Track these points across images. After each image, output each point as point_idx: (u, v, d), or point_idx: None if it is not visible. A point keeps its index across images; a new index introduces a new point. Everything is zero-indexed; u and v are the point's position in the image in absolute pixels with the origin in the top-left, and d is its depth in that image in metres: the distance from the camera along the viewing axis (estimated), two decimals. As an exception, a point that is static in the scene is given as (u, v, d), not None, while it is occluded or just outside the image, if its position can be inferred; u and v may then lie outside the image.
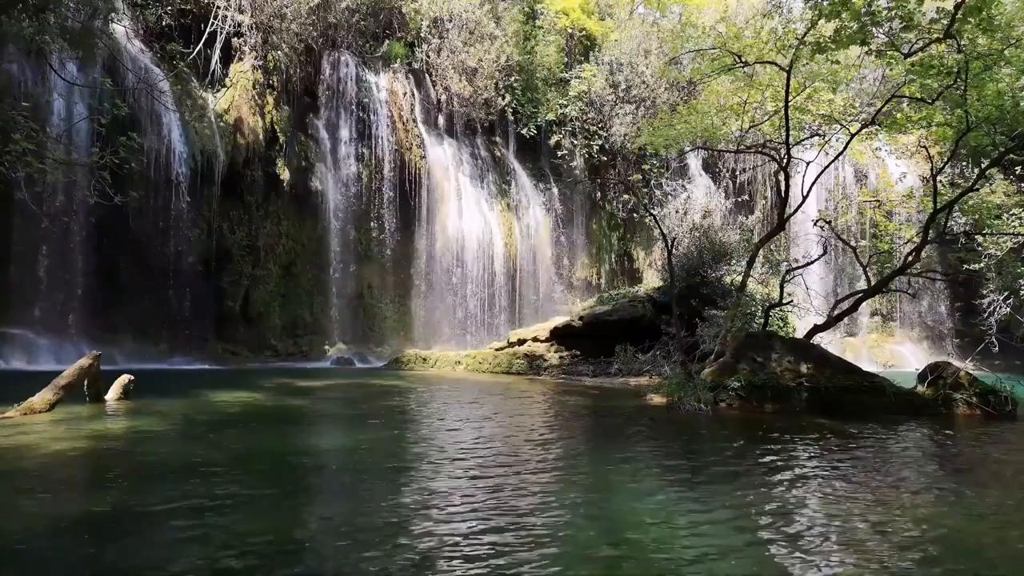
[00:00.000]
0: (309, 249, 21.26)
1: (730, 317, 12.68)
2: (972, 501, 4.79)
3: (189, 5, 19.47)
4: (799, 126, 13.56)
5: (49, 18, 12.56)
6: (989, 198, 16.15)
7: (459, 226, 23.41)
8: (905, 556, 3.58)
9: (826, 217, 15.31)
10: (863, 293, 13.00)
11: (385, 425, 8.08)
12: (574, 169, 26.28)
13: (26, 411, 7.41)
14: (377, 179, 22.30)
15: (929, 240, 12.13)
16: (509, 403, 10.71)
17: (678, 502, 4.54)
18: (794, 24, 13.18)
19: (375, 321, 22.29)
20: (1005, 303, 20.46)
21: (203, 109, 19.11)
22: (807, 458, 6.28)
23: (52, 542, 3.63)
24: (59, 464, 5.40)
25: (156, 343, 17.41)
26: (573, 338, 17.45)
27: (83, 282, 16.61)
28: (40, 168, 12.22)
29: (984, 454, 6.97)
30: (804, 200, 13.25)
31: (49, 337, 15.86)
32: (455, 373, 16.66)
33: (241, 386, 11.55)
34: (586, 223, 27.20)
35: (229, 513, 4.12)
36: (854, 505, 4.55)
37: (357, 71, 22.56)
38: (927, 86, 11.03)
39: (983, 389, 9.51)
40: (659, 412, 9.47)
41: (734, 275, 16.79)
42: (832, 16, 10.07)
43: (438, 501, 4.47)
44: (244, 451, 6.18)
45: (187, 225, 18.08)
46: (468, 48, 24.04)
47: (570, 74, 26.42)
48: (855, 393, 9.60)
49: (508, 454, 6.25)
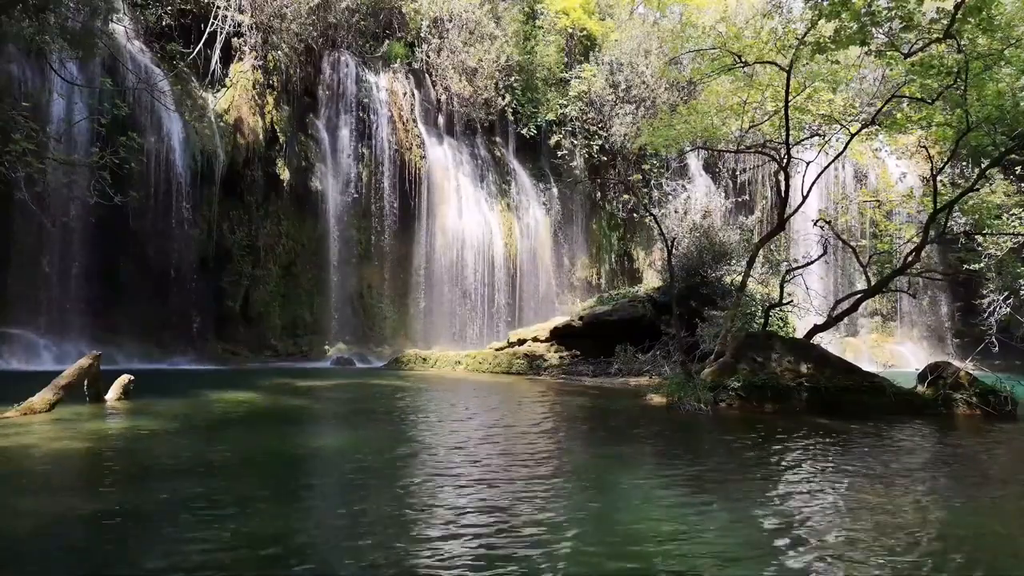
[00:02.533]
0: (309, 249, 21.25)
1: (730, 317, 12.68)
2: (973, 501, 4.79)
3: (189, 5, 19.46)
4: (799, 126, 13.56)
5: (49, 18, 12.56)
6: (989, 198, 16.14)
7: (459, 226, 23.40)
8: (907, 556, 3.58)
9: (826, 217, 15.31)
10: (863, 293, 13.01)
11: (385, 425, 8.08)
12: (574, 169, 26.27)
13: (26, 411, 7.41)
14: (377, 179, 22.29)
15: (929, 240, 12.13)
16: (509, 403, 10.71)
17: (678, 502, 4.54)
18: (794, 24, 13.17)
19: (375, 321, 22.28)
20: (1005, 303, 20.45)
21: (203, 109, 19.10)
22: (807, 458, 6.28)
23: (52, 542, 3.63)
24: (59, 464, 5.40)
25: (156, 343, 17.40)
26: (573, 338, 17.44)
27: (83, 282, 16.59)
28: (40, 168, 12.21)
29: (984, 454, 6.97)
30: (804, 200, 13.25)
31: (49, 337, 15.85)
32: (455, 373, 16.66)
33: (241, 386, 11.54)
34: (586, 223, 27.19)
35: (229, 513, 4.12)
36: (854, 505, 4.55)
37: (357, 71, 22.56)
38: (927, 86, 11.03)
39: (983, 389, 9.52)
40: (659, 412, 9.47)
41: (734, 275, 16.78)
42: (832, 16, 10.06)
43: (438, 501, 4.47)
44: (244, 451, 6.18)
45: (187, 225, 18.06)
46: (468, 48, 24.03)
47: (570, 74, 26.41)
48: (855, 393, 9.60)
49: (508, 454, 6.25)
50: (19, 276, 15.83)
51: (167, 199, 17.71)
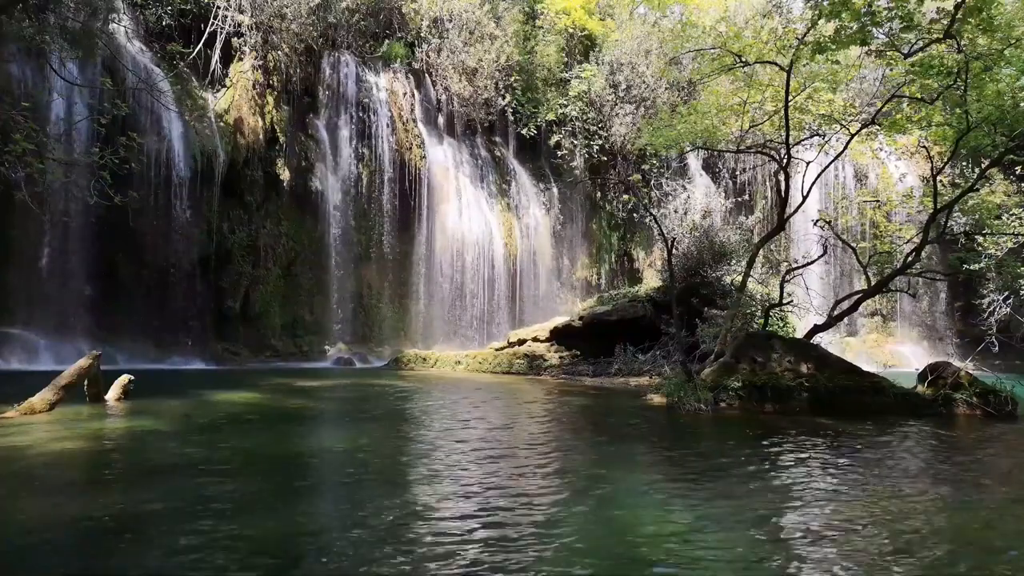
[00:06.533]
0: (309, 249, 21.26)
1: (730, 317, 12.69)
2: (973, 500, 4.78)
3: (189, 5, 19.48)
4: (799, 126, 13.56)
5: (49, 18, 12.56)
6: (989, 198, 16.17)
7: (459, 226, 23.41)
8: (908, 555, 3.58)
9: (826, 217, 15.31)
10: (863, 293, 13.01)
11: (385, 425, 8.08)
12: (574, 169, 26.27)
13: (26, 411, 7.41)
14: (377, 179, 22.30)
15: (929, 240, 12.14)
16: (509, 403, 10.71)
17: (679, 502, 4.54)
18: (794, 24, 13.19)
19: (375, 321, 22.28)
20: (1005, 303, 20.47)
21: (203, 109, 19.11)
22: (808, 458, 6.28)
23: (52, 542, 3.62)
24: (59, 464, 5.40)
25: (156, 343, 17.39)
26: (573, 338, 17.44)
27: (83, 282, 16.61)
28: (40, 168, 12.19)
29: (984, 454, 6.97)
30: (804, 200, 13.26)
31: (49, 337, 15.85)
32: (455, 373, 16.66)
33: (241, 386, 11.54)
34: (586, 223, 27.19)
35: (229, 513, 4.12)
36: (855, 505, 4.55)
37: (357, 71, 22.56)
38: (927, 86, 11.04)
39: (983, 389, 9.52)
40: (659, 412, 9.47)
41: (734, 275, 16.78)
42: (832, 16, 10.07)
43: (439, 501, 4.47)
44: (244, 451, 6.18)
45: (187, 225, 18.07)
46: (468, 48, 24.04)
47: (570, 74, 26.40)
48: (855, 393, 9.60)
49: (508, 454, 6.25)
50: (19, 276, 15.84)
51: (167, 199, 17.72)
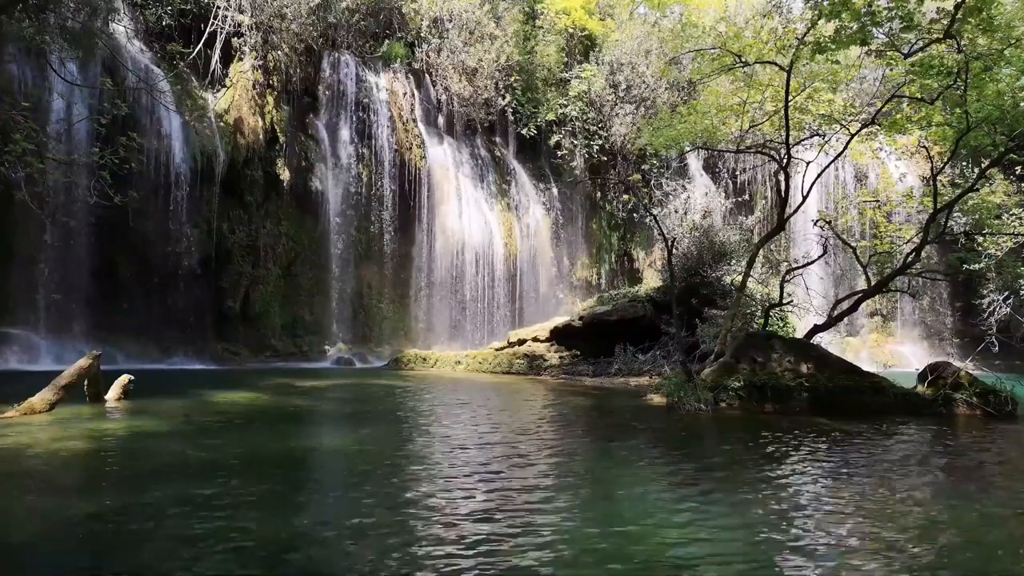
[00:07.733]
0: (309, 249, 21.26)
1: (730, 317, 12.69)
2: (974, 500, 4.78)
3: (189, 5, 19.47)
4: (799, 126, 13.56)
5: (49, 18, 12.57)
6: (989, 198, 16.17)
7: (459, 226, 23.40)
8: (908, 555, 3.58)
9: (826, 217, 15.31)
10: (863, 293, 13.01)
11: (386, 425, 8.08)
12: (574, 169, 26.27)
13: (26, 411, 7.41)
14: (377, 179, 22.29)
15: (929, 240, 12.14)
16: (509, 403, 10.71)
17: (679, 502, 4.54)
18: (794, 24, 13.18)
19: (375, 321, 22.28)
20: (1005, 303, 20.47)
21: (203, 109, 19.10)
22: (808, 458, 6.28)
23: (52, 542, 3.62)
24: (59, 464, 5.40)
25: (156, 343, 17.40)
26: (573, 338, 17.44)
27: (83, 282, 16.59)
28: (40, 168, 12.21)
29: (984, 454, 6.97)
30: (804, 200, 13.26)
31: (49, 337, 15.85)
32: (455, 373, 16.66)
33: (241, 386, 11.54)
34: (586, 223, 27.19)
35: (229, 513, 4.11)
36: (855, 505, 4.55)
37: (357, 71, 22.56)
38: (927, 86, 11.04)
39: (983, 389, 9.52)
40: (659, 412, 9.47)
41: (734, 275, 16.78)
42: (832, 16, 10.07)
43: (439, 501, 4.47)
44: (244, 451, 6.17)
45: (187, 225, 18.08)
46: (468, 48, 24.03)
47: (570, 74, 26.40)
48: (855, 393, 9.61)
49: (509, 453, 6.25)
50: (19, 276, 15.83)
51: (167, 199, 17.72)
